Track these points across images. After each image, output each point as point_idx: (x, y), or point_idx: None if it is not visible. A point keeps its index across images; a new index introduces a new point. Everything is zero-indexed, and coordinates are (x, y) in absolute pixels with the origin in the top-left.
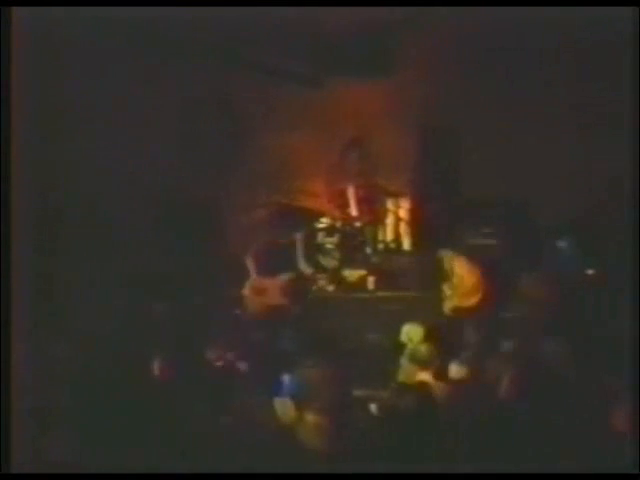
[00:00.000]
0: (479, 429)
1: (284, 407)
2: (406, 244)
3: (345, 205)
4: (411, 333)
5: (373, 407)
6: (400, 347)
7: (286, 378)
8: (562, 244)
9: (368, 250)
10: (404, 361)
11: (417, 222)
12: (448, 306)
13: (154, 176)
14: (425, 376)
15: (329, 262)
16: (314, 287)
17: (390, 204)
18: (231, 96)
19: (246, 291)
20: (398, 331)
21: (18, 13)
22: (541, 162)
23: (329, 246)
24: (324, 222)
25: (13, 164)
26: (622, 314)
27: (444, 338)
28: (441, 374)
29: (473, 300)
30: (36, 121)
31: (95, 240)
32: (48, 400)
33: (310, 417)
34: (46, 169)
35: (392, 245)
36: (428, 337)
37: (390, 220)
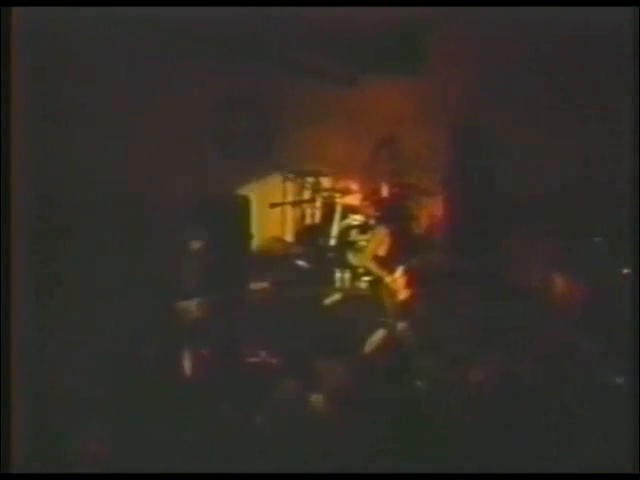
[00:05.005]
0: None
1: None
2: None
3: (379, 203)
4: None
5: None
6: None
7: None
8: (596, 242)
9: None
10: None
11: (450, 221)
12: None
13: (186, 174)
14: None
15: (360, 260)
16: None
17: (424, 202)
18: (264, 94)
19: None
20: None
21: (18, 13)
22: (575, 160)
23: (362, 243)
24: (357, 219)
25: (13, 164)
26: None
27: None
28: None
29: None
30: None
31: (123, 235)
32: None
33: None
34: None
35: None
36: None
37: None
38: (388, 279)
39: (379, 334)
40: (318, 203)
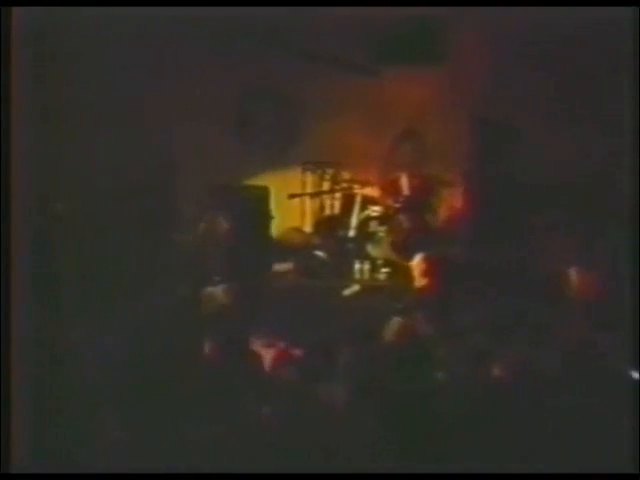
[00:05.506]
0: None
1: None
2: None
3: (398, 194)
4: None
5: None
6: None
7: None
8: (618, 236)
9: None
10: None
11: (470, 212)
12: None
13: (205, 165)
14: None
15: (379, 251)
16: None
17: (444, 194)
18: (285, 86)
19: None
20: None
21: (18, 13)
22: (598, 152)
23: (381, 234)
24: (377, 211)
25: (13, 164)
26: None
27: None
28: None
29: None
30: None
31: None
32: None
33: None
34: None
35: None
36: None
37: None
38: (406, 268)
39: (396, 322)
40: (338, 194)
